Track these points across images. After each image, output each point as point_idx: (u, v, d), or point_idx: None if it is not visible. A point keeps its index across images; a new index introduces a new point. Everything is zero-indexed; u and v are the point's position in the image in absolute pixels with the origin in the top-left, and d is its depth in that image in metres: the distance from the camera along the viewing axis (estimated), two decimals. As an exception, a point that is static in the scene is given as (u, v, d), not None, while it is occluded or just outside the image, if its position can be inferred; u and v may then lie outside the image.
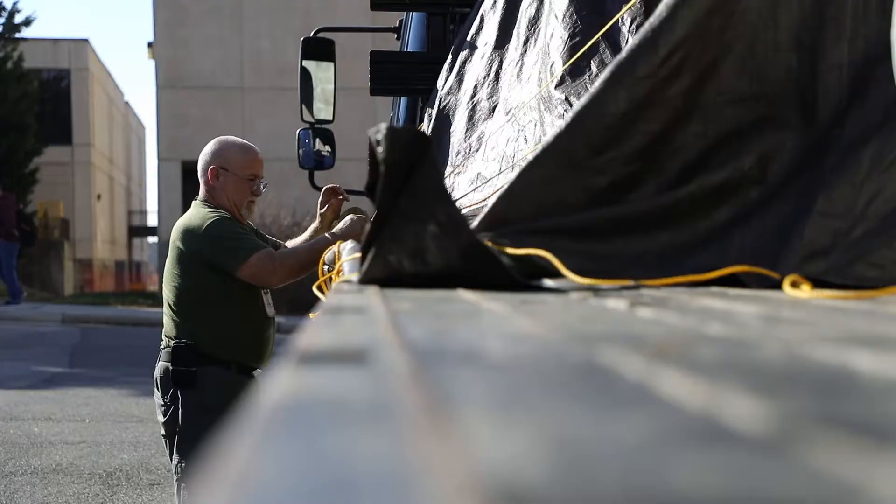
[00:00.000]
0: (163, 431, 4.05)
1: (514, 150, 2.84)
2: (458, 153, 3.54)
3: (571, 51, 2.70)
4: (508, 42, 3.41)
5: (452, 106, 3.80)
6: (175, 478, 3.97)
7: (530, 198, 1.95)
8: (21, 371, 11.59)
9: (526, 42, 3.13)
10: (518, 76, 3.13)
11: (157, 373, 4.06)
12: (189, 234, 4.01)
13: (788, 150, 1.90)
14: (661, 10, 1.91)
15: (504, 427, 0.47)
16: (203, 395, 3.91)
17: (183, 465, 3.93)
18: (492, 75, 3.49)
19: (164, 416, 4.00)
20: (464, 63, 3.82)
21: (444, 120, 3.82)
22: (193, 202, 4.22)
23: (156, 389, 4.08)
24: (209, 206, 4.10)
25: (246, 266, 3.90)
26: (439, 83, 4.16)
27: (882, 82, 1.75)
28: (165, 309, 4.16)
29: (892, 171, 1.74)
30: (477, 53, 3.74)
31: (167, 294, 4.14)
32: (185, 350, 3.97)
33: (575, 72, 2.64)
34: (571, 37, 2.73)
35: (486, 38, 3.67)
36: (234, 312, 4.03)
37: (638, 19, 2.44)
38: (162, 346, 4.10)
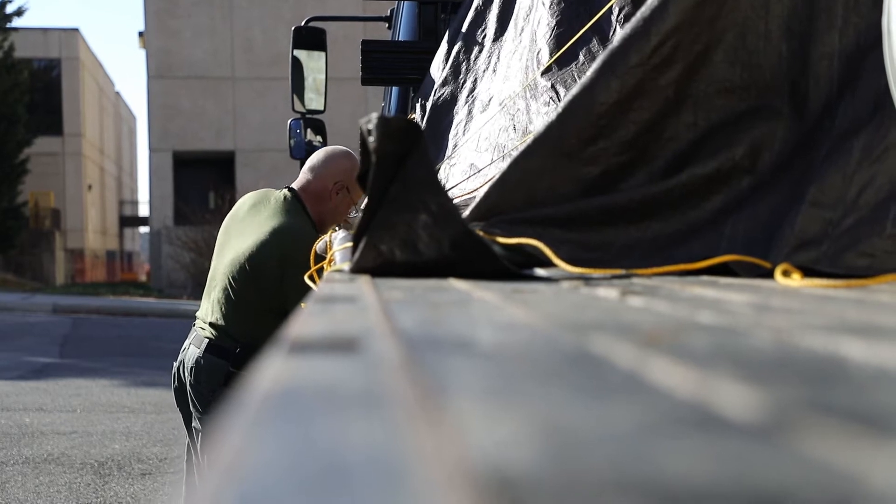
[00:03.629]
0: (195, 424, 3.75)
1: (505, 140, 2.84)
2: (454, 145, 3.54)
3: (558, 39, 2.70)
4: (504, 33, 3.40)
5: (447, 97, 3.79)
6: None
7: (522, 187, 1.95)
8: (12, 361, 11.57)
9: (521, 33, 3.13)
10: (512, 66, 3.13)
11: (202, 363, 3.72)
12: (298, 247, 3.54)
13: (779, 140, 1.90)
14: (652, -1, 1.91)
15: (495, 415, 0.47)
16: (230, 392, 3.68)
17: None
18: (488, 67, 3.49)
19: (200, 408, 3.71)
20: (458, 54, 3.81)
21: (439, 111, 3.82)
22: (290, 204, 3.86)
23: (187, 376, 3.75)
24: (310, 223, 3.82)
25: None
26: (434, 73, 4.15)
27: (873, 72, 1.76)
28: (234, 304, 3.74)
29: (882, 161, 1.74)
30: (472, 44, 3.73)
31: (245, 290, 3.72)
32: (247, 353, 3.65)
33: (561, 60, 2.63)
34: (558, 25, 2.73)
35: (483, 28, 3.66)
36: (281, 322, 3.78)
37: (626, 8, 2.44)
38: (210, 339, 3.74)
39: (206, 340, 3.75)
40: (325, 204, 3.87)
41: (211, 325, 3.77)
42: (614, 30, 2.46)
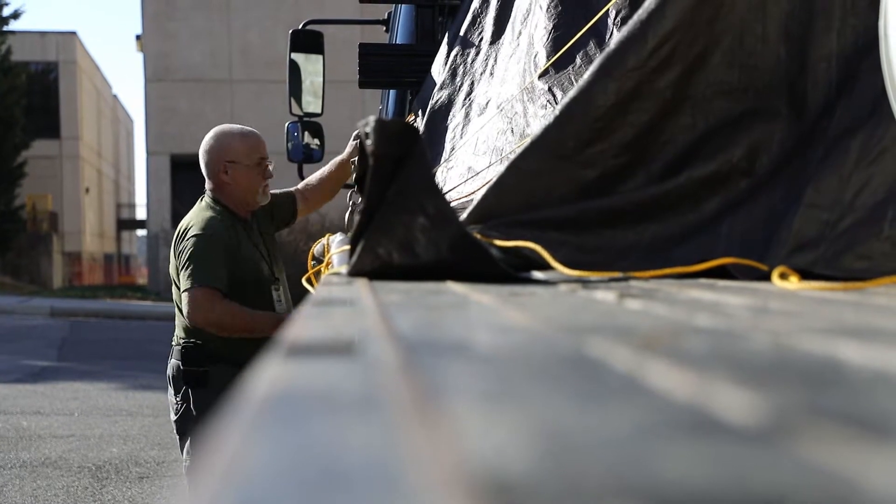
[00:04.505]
0: (174, 429, 4.00)
1: (503, 143, 2.84)
2: (451, 148, 3.54)
3: (555, 42, 2.70)
4: (502, 37, 3.40)
5: (445, 101, 3.79)
6: (186, 476, 3.96)
7: (519, 190, 1.95)
8: (9, 365, 11.56)
9: (519, 36, 3.13)
10: (509, 70, 3.13)
11: (170, 371, 4.01)
12: (180, 237, 3.96)
13: (777, 142, 1.90)
14: (649, 1, 1.91)
15: (492, 418, 0.47)
16: (214, 395, 3.80)
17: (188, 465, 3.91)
18: (486, 70, 3.49)
19: (176, 414, 3.95)
20: (456, 57, 3.82)
21: (436, 115, 3.82)
22: (199, 200, 4.14)
23: (169, 386, 4.03)
24: (213, 208, 4.03)
25: (189, 294, 3.80)
26: (433, 77, 4.15)
27: (870, 73, 1.76)
28: (175, 308, 4.05)
29: (879, 163, 1.74)
30: (470, 47, 3.73)
31: (175, 294, 4.04)
32: (195, 350, 3.90)
33: (559, 63, 2.64)
34: (555, 28, 2.73)
35: (481, 32, 3.66)
36: None
37: (623, 12, 2.44)
38: (173, 344, 4.03)
39: (172, 350, 4.05)
40: (228, 188, 4.06)
41: (175, 335, 4.07)
42: (611, 33, 2.46)
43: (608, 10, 2.50)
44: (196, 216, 4.02)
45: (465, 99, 3.62)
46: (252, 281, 3.96)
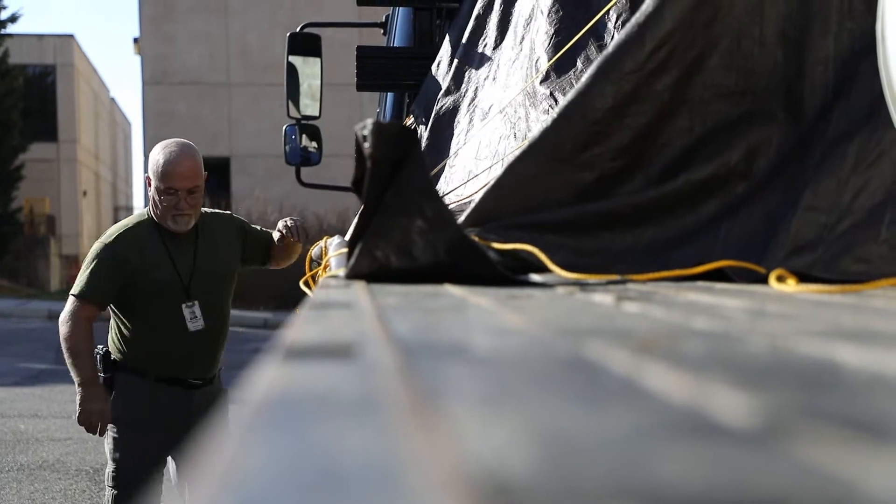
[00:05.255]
0: None
1: (505, 148, 2.84)
2: (455, 154, 3.54)
3: (556, 47, 2.70)
4: (503, 41, 3.40)
5: (450, 107, 3.79)
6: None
7: (517, 193, 1.95)
8: (7, 368, 11.55)
9: (521, 41, 3.13)
10: (512, 74, 3.13)
11: None
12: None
13: (775, 145, 1.90)
14: (647, 4, 1.91)
15: (491, 420, 0.47)
16: (117, 402, 3.89)
17: (107, 469, 3.99)
18: (489, 75, 3.49)
19: None
20: (460, 63, 3.81)
21: (441, 121, 3.81)
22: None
23: None
24: (141, 215, 4.03)
25: (69, 300, 3.89)
26: (432, 80, 4.15)
27: (867, 76, 1.76)
28: None
29: (877, 166, 1.74)
30: (473, 53, 3.73)
31: None
32: (103, 356, 3.98)
33: (560, 67, 2.64)
34: (556, 33, 2.73)
35: (485, 38, 3.66)
36: (141, 324, 3.94)
37: (623, 15, 2.44)
38: None
39: None
40: (151, 199, 3.98)
41: None
42: (612, 36, 2.46)
43: (609, 13, 2.50)
44: (120, 221, 4.05)
45: (469, 105, 3.61)
46: (156, 295, 3.89)
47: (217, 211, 4.30)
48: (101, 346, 3.98)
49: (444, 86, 3.90)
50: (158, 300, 3.89)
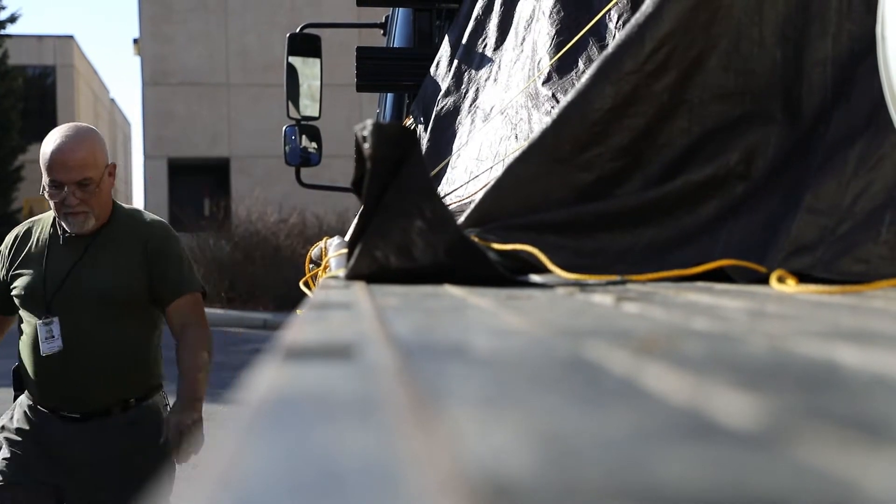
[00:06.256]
0: None
1: (506, 149, 2.84)
2: (457, 156, 3.54)
3: (558, 48, 2.70)
4: (504, 42, 3.40)
5: (450, 108, 3.79)
6: None
7: (517, 194, 1.95)
8: (5, 369, 11.52)
9: (522, 42, 3.13)
10: (513, 76, 3.13)
11: None
12: None
13: (774, 146, 1.90)
14: (647, 5, 1.91)
15: (490, 421, 0.47)
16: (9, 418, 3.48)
17: None
18: (490, 76, 3.49)
19: None
20: (460, 64, 3.81)
21: (442, 122, 3.81)
22: None
23: None
24: (42, 213, 3.50)
25: None
26: (431, 80, 4.15)
27: (866, 78, 1.76)
28: None
29: (878, 169, 1.74)
30: (474, 54, 3.73)
31: None
32: (14, 371, 3.60)
33: (562, 68, 2.63)
34: (558, 34, 2.73)
35: (485, 39, 3.66)
36: (22, 337, 3.45)
37: (625, 15, 2.44)
38: None
39: None
40: None
41: None
42: (613, 37, 2.46)
43: (610, 14, 2.50)
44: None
45: (470, 106, 3.61)
46: (22, 304, 3.39)
47: (144, 216, 3.47)
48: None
49: (444, 87, 3.90)
50: (24, 311, 3.37)
